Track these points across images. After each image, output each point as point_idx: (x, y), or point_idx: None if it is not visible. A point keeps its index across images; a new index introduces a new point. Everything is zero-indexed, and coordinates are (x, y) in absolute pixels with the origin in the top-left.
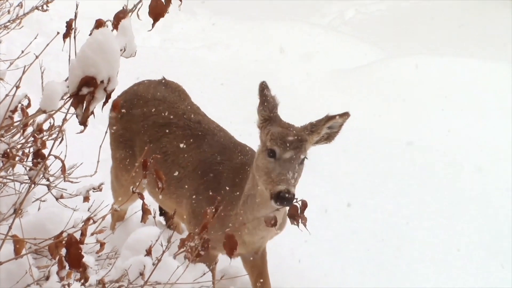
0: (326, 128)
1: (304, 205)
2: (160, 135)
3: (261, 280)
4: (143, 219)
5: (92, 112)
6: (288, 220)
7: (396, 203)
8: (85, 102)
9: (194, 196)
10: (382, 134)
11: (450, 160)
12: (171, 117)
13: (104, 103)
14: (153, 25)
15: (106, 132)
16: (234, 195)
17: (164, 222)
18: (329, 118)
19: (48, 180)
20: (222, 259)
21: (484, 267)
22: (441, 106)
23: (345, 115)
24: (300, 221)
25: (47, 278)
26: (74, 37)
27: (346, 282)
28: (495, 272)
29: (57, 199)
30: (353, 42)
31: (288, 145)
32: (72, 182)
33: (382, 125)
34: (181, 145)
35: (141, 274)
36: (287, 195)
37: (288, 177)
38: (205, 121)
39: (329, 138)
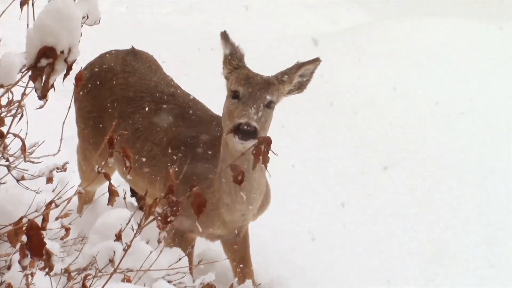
0: (298, 76)
1: (268, 142)
2: (131, 110)
3: (242, 265)
4: (110, 201)
5: (52, 86)
6: (270, 201)
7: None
8: (44, 74)
9: (167, 174)
10: (372, 106)
11: (447, 129)
12: (143, 90)
13: (65, 75)
14: None
15: (69, 107)
16: (210, 170)
17: (135, 204)
18: (300, 65)
19: (7, 160)
20: (200, 242)
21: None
22: (438, 72)
23: (316, 61)
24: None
25: (9, 267)
26: (33, 4)
27: (333, 267)
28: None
29: (17, 180)
30: (335, 2)
31: (252, 85)
32: (33, 162)
33: (371, 96)
34: (154, 121)
35: (111, 261)
36: (246, 127)
37: (250, 112)
38: (179, 93)
39: (300, 87)
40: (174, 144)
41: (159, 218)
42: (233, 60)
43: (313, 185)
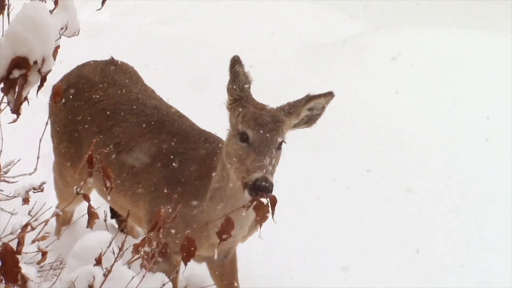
0: (306, 109)
1: (273, 201)
2: (110, 124)
3: None
4: (90, 224)
5: (26, 98)
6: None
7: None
8: (17, 86)
9: (152, 193)
10: (367, 119)
11: (448, 145)
12: (123, 102)
13: (39, 87)
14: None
15: (46, 123)
16: (200, 190)
17: (116, 226)
18: (310, 98)
19: None
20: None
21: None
22: (438, 83)
23: (329, 95)
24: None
25: None
26: (8, 14)
27: None
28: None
29: None
30: (329, 12)
31: (262, 126)
32: (8, 182)
33: (367, 109)
34: (136, 135)
35: (91, 286)
36: (264, 184)
37: (265, 164)
38: (162, 106)
39: (309, 121)
40: (158, 160)
41: (145, 257)
42: (235, 90)
43: (306, 206)
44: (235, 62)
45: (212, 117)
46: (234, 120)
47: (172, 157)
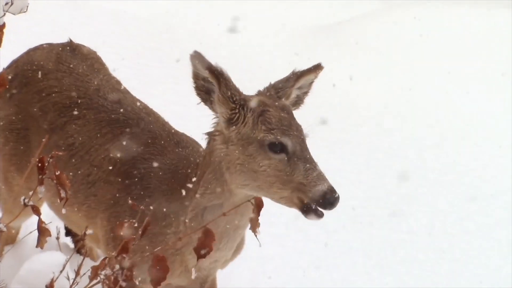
0: (296, 89)
1: (260, 204)
2: (64, 120)
3: None
4: (40, 243)
5: None
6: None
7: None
8: None
9: (111, 208)
10: (375, 104)
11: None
12: (80, 95)
13: None
14: None
15: None
16: (172, 205)
17: (72, 245)
18: (299, 76)
19: None
20: None
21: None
22: (447, 67)
23: (318, 68)
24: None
25: None
26: None
27: None
28: None
29: None
30: None
31: (294, 127)
32: None
33: (375, 93)
34: (93, 135)
35: None
36: (336, 195)
37: (321, 171)
38: (127, 100)
39: (298, 101)
40: (120, 167)
41: (106, 282)
42: (234, 95)
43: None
44: (212, 68)
45: (193, 113)
46: (249, 130)
47: (136, 163)
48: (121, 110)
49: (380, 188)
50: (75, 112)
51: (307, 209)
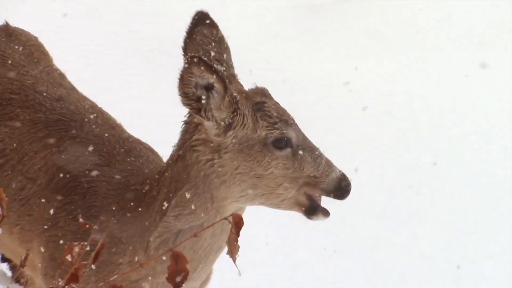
0: None
1: (239, 223)
2: None
3: None
4: None
5: None
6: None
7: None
8: None
9: (50, 230)
10: (362, 90)
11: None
12: (13, 89)
13: None
14: None
15: None
16: (125, 228)
17: (9, 273)
18: (221, 36)
19: None
20: None
21: None
22: (435, 49)
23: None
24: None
25: None
26: None
27: None
28: None
29: None
30: None
31: (287, 113)
32: None
33: (360, 78)
34: (27, 139)
35: None
36: (349, 180)
37: (325, 156)
38: (70, 98)
39: None
40: (59, 181)
41: None
42: (236, 96)
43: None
44: (220, 73)
45: (157, 110)
46: (250, 130)
47: (78, 176)
48: (62, 109)
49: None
50: (7, 111)
51: (313, 209)
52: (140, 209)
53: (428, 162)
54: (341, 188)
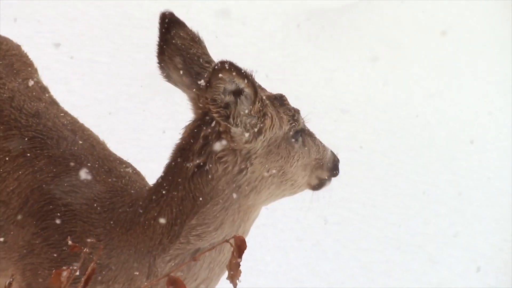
0: None
1: (242, 246)
2: None
3: None
4: None
5: None
6: None
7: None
8: None
9: (26, 258)
10: (374, 101)
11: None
12: None
13: None
14: None
15: None
16: (112, 253)
17: None
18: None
19: None
20: None
21: None
22: (452, 55)
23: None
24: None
25: None
26: None
27: None
28: None
29: None
30: None
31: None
32: None
33: (372, 88)
34: (1, 159)
35: None
36: (337, 157)
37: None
38: (49, 113)
39: None
40: (33, 204)
41: None
42: (265, 100)
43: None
44: (251, 78)
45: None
46: (277, 129)
47: (54, 200)
48: (39, 125)
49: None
50: None
51: (322, 184)
52: (133, 233)
53: (446, 180)
54: (336, 164)
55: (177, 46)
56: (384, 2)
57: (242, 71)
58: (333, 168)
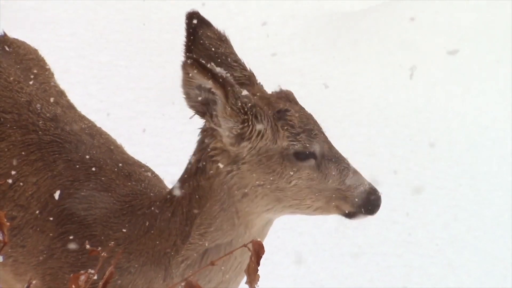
0: None
1: (260, 251)
2: None
3: None
4: None
5: None
6: None
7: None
8: None
9: (46, 263)
10: (394, 107)
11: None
12: (6, 108)
13: None
14: None
15: None
16: (131, 256)
17: None
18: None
19: None
20: None
21: None
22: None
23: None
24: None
25: None
26: None
27: None
28: None
29: None
30: None
31: (312, 121)
32: None
33: (393, 94)
34: (19, 162)
35: None
36: (379, 194)
37: (354, 167)
38: (67, 117)
39: None
40: (52, 209)
41: None
42: (246, 104)
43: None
44: (217, 77)
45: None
46: (270, 141)
47: (74, 204)
48: (57, 129)
49: None
50: None
51: (351, 214)
52: (151, 235)
53: (466, 184)
54: (370, 202)
55: (204, 46)
56: (405, 5)
57: (207, 71)
58: (363, 206)
